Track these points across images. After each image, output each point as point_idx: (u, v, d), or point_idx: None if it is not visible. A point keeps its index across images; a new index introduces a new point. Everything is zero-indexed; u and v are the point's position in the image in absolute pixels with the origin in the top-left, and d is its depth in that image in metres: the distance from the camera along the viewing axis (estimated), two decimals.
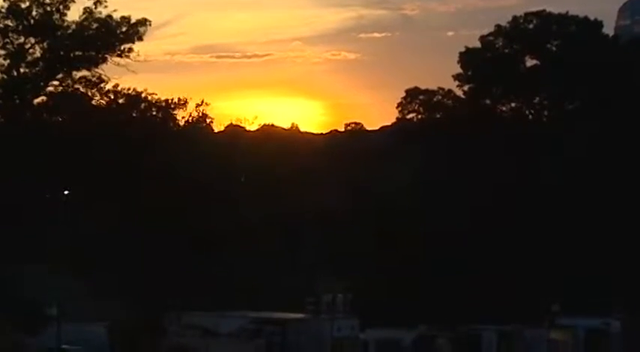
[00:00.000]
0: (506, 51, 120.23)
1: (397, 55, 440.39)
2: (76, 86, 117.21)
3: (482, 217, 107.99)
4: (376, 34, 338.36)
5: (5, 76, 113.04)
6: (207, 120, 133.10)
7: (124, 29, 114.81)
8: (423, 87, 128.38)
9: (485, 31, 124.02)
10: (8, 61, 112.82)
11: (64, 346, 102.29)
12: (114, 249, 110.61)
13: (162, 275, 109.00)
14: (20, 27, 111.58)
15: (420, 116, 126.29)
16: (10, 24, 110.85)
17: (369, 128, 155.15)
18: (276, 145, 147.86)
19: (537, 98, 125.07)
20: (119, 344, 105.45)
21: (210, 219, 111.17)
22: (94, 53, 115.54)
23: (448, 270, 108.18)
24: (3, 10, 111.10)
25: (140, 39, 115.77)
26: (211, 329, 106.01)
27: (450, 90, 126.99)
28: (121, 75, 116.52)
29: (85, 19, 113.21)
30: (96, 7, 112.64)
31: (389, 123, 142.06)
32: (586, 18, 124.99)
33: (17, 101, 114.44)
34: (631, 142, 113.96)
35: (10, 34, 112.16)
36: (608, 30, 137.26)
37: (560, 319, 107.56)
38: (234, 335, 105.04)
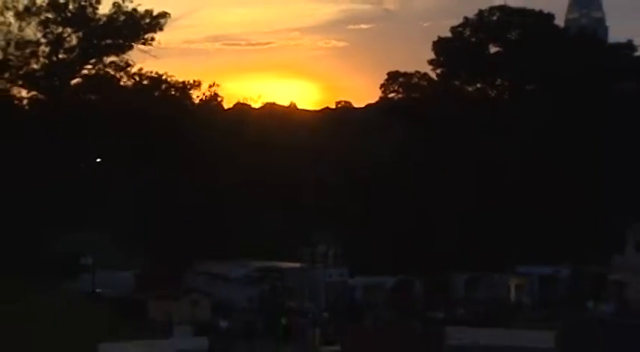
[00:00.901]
0: (473, 40, 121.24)
1: (380, 43, 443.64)
2: (107, 70, 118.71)
3: (452, 179, 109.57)
4: (362, 26, 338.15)
5: (46, 61, 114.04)
6: (218, 99, 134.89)
7: (147, 21, 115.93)
8: (402, 70, 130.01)
9: (455, 23, 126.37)
10: (49, 48, 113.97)
11: (97, 290, 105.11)
12: (138, 209, 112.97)
13: (180, 231, 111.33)
14: (59, 19, 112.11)
15: (399, 95, 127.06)
16: (50, 16, 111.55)
17: (356, 105, 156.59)
18: (277, 120, 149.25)
19: (499, 80, 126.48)
20: (143, 287, 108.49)
21: (221, 183, 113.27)
22: (121, 41, 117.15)
23: (424, 227, 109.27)
24: (44, 5, 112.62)
25: (161, 29, 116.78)
26: (222, 276, 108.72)
27: (425, 73, 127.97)
28: (144, 60, 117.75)
29: (114, 12, 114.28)
30: (123, 2, 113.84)
31: (373, 101, 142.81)
32: (541, 11, 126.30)
33: (57, 82, 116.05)
34: (577, 116, 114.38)
35: (51, 25, 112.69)
36: (560, 22, 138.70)
37: (519, 267, 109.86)
38: (242, 281, 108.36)
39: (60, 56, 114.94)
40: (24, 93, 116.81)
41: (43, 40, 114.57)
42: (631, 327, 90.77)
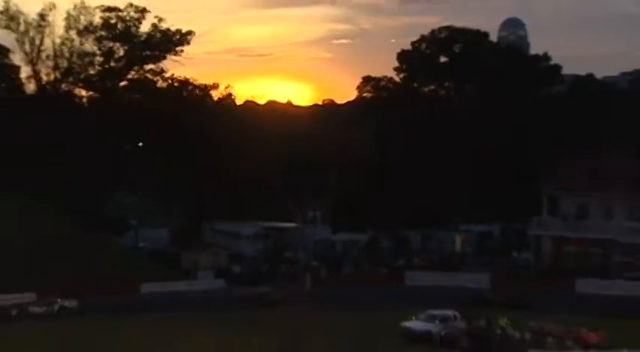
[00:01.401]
0: (427, 52, 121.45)
1: (357, 54, 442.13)
2: (146, 75, 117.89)
3: (410, 158, 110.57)
4: (343, 41, 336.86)
5: (100, 68, 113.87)
6: (232, 97, 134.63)
7: (177, 37, 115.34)
8: (373, 75, 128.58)
9: (414, 39, 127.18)
10: (102, 58, 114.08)
11: (140, 244, 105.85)
12: (172, 181, 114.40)
13: (204, 198, 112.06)
14: (110, 36, 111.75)
15: (371, 94, 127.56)
16: (104, 34, 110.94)
17: (338, 102, 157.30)
18: (277, 114, 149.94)
19: (447, 83, 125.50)
20: (176, 242, 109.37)
21: (235, 162, 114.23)
22: (157, 53, 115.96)
23: (390, 196, 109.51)
24: (99, 25, 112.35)
25: (188, 43, 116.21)
26: (235, 233, 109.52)
27: (391, 78, 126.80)
28: (175, 67, 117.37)
29: (152, 30, 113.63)
30: (159, 22, 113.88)
31: (351, 99, 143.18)
32: (478, 30, 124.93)
33: (108, 84, 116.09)
34: (505, 108, 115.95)
35: (104, 41, 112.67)
36: (493, 38, 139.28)
37: (462, 226, 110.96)
38: (251, 237, 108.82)
39: (111, 64, 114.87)
40: (83, 92, 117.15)
41: (97, 52, 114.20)
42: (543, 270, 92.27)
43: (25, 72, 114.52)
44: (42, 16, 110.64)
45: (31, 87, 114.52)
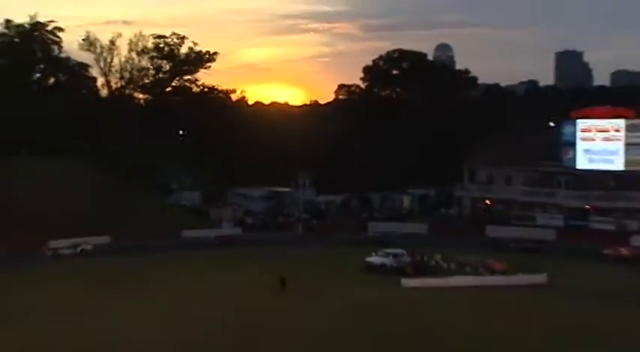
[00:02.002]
0: (384, 67, 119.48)
1: (335, 68, 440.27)
2: (185, 83, 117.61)
3: (373, 141, 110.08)
4: (326, 59, 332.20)
5: (152, 78, 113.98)
6: (245, 99, 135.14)
7: (207, 56, 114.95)
8: (346, 83, 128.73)
9: (375, 57, 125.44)
10: (154, 71, 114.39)
11: (182, 202, 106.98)
12: (204, 157, 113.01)
13: (225, 170, 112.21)
14: (159, 55, 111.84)
15: (345, 97, 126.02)
16: (155, 54, 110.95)
17: (321, 102, 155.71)
18: (278, 110, 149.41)
19: (397, 89, 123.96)
20: (207, 201, 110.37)
21: (248, 144, 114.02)
22: (192, 68, 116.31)
23: (359, 169, 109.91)
24: (152, 48, 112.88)
25: (214, 60, 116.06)
26: (248, 195, 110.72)
27: (358, 85, 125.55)
28: (205, 78, 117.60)
29: (189, 51, 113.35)
30: (194, 46, 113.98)
31: (330, 100, 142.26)
32: (420, 52, 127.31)
33: (158, 90, 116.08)
34: (436, 103, 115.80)
35: (155, 59, 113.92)
36: (430, 57, 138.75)
37: (409, 190, 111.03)
38: (260, 198, 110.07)
39: (159, 76, 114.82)
40: (140, 96, 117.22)
41: (150, 67, 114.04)
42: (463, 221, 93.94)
43: (100, 81, 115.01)
44: (112, 42, 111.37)
45: (104, 92, 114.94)
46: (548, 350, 44.80)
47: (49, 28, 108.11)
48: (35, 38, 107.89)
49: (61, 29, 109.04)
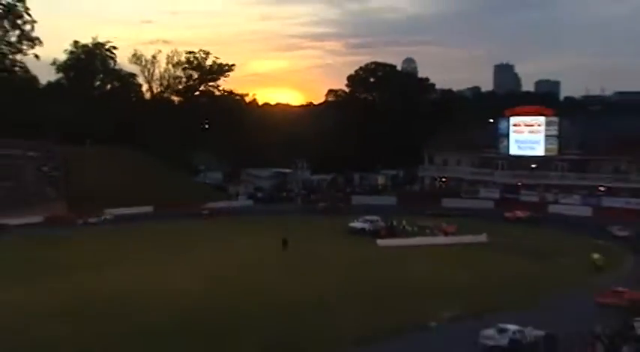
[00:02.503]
0: (363, 76, 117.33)
1: (326, 77, 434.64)
2: (210, 88, 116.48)
3: (355, 132, 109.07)
4: (319, 69, 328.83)
5: (184, 85, 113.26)
6: (255, 100, 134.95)
7: (226, 67, 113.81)
8: (334, 88, 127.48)
9: (357, 68, 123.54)
10: (186, 79, 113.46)
11: (206, 181, 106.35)
12: (224, 145, 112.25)
13: (241, 156, 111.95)
14: (190, 67, 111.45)
15: (333, 99, 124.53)
16: (186, 66, 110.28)
17: (315, 103, 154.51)
18: (282, 109, 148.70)
19: (374, 93, 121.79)
20: (226, 179, 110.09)
21: (258, 136, 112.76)
22: (215, 76, 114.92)
23: (343, 154, 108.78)
24: (184, 61, 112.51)
25: (232, 70, 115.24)
26: (258, 175, 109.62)
27: (343, 90, 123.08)
28: (225, 83, 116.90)
29: (213, 63, 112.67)
30: (217, 59, 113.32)
31: (322, 101, 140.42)
32: (392, 64, 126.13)
33: (189, 94, 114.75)
34: (404, 107, 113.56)
35: (187, 70, 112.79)
36: (399, 68, 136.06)
37: (382, 171, 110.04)
38: (267, 177, 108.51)
39: (190, 83, 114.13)
40: (175, 98, 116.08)
41: (183, 76, 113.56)
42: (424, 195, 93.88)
43: (144, 87, 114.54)
44: (154, 57, 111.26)
45: (147, 95, 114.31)
46: (483, 292, 45.33)
47: (107, 46, 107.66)
48: (96, 55, 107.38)
49: (115, 47, 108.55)
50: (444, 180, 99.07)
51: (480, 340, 33.62)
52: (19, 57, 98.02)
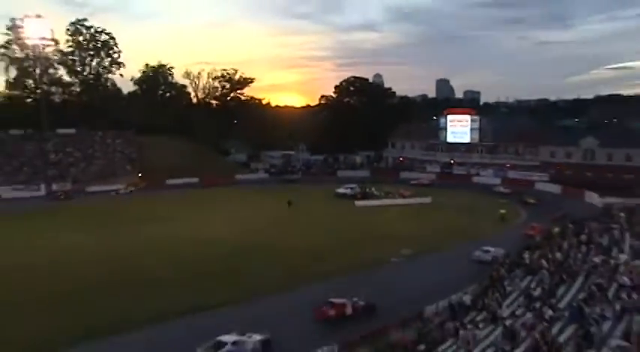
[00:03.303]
0: (346, 86, 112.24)
1: (319, 86, 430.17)
2: (237, 95, 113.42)
3: (340, 126, 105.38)
4: (314, 80, 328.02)
5: (220, 93, 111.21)
6: (269, 103, 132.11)
7: (249, 80, 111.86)
8: (326, 94, 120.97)
9: (342, 80, 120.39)
10: (221, 89, 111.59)
11: (236, 160, 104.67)
12: (248, 135, 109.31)
13: (257, 142, 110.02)
14: (224, 80, 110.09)
15: (324, 102, 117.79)
16: (222, 79, 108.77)
17: (312, 105, 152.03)
18: (289, 110, 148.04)
19: (354, 97, 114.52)
20: (249, 159, 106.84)
21: (267, 128, 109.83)
22: (241, 86, 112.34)
23: (331, 141, 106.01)
24: (220, 75, 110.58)
25: (252, 82, 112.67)
26: (272, 156, 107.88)
27: (332, 95, 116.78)
28: (248, 91, 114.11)
29: (240, 77, 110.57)
30: (243, 75, 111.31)
31: (317, 104, 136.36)
32: (365, 78, 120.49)
33: (223, 99, 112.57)
34: (374, 109, 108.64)
35: (222, 82, 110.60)
36: (370, 80, 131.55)
37: (359, 152, 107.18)
38: (278, 157, 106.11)
39: (224, 91, 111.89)
40: (213, 102, 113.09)
41: (219, 86, 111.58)
42: (387, 170, 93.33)
43: (192, 95, 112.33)
44: (199, 73, 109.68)
45: (194, 100, 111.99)
46: (429, 237, 46.12)
47: (167, 66, 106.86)
48: (159, 73, 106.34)
49: (172, 67, 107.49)
50: (401, 159, 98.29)
51: (472, 257, 37.49)
52: (110, 75, 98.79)
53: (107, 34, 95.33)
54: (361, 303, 28.11)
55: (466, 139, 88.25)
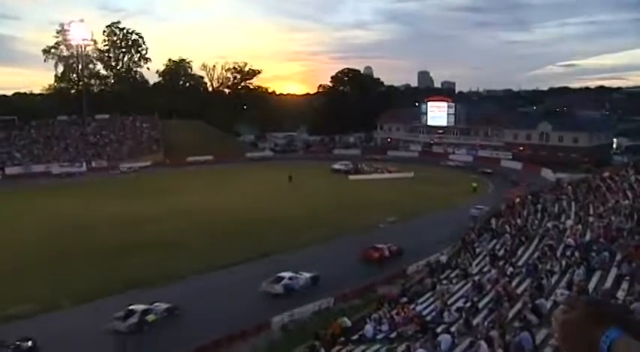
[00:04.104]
0: (340, 76, 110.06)
1: (317, 76, 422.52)
2: (246, 84, 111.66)
3: (335, 110, 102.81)
4: (312, 72, 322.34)
5: (232, 82, 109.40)
6: (274, 92, 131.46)
7: (257, 72, 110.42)
8: (323, 83, 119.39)
9: (337, 71, 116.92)
10: (233, 79, 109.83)
11: (245, 140, 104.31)
12: (254, 118, 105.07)
13: (264, 124, 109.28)
14: (235, 71, 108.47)
15: (323, 90, 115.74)
16: (233, 70, 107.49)
17: (311, 93, 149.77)
18: (291, 97, 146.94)
19: (347, 86, 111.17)
20: (257, 139, 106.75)
21: (277, 113, 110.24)
22: (250, 77, 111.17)
23: (328, 122, 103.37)
24: (232, 68, 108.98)
25: (260, 73, 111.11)
26: (276, 136, 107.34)
27: (328, 85, 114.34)
28: (255, 81, 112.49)
29: (249, 69, 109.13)
30: (252, 66, 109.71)
31: (315, 92, 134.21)
32: (357, 69, 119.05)
33: (234, 88, 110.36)
34: (365, 99, 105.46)
35: (233, 73, 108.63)
36: (362, 71, 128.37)
37: (352, 134, 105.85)
38: (281, 138, 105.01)
39: (235, 81, 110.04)
40: (226, 90, 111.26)
41: (231, 77, 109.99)
42: (377, 149, 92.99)
43: (208, 84, 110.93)
44: (214, 66, 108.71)
45: (210, 89, 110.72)
46: (412, 205, 46.95)
47: (187, 60, 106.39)
48: (180, 66, 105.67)
49: (190, 61, 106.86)
50: (389, 139, 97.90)
51: (470, 213, 40.09)
52: (138, 69, 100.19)
53: (137, 34, 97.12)
54: (394, 248, 31.63)
55: (443, 123, 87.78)
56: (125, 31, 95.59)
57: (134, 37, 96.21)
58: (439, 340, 14.35)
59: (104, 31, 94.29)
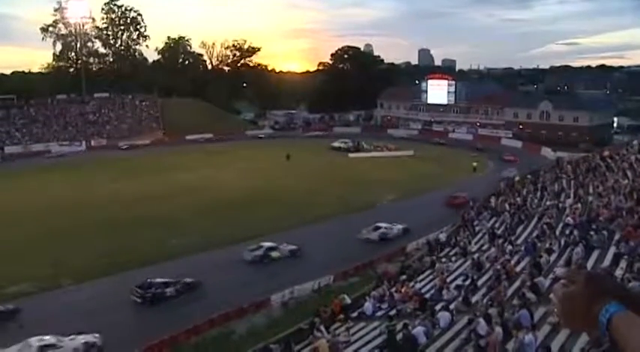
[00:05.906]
0: (340, 53, 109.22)
1: (318, 53, 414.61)
2: (246, 61, 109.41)
3: (334, 88, 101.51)
4: (313, 49, 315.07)
5: (232, 60, 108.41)
6: (274, 69, 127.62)
7: (257, 49, 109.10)
8: (323, 61, 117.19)
9: (336, 48, 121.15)
10: (233, 56, 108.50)
11: (245, 118, 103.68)
12: (255, 95, 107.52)
13: (266, 102, 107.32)
14: (235, 49, 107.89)
15: (322, 67, 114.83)
16: (233, 48, 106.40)
17: (311, 70, 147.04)
18: (290, 74, 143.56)
19: (347, 64, 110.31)
20: (257, 117, 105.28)
21: (277, 90, 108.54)
22: (250, 54, 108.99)
23: (327, 100, 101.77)
24: (232, 45, 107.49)
25: (259, 50, 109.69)
26: (276, 114, 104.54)
27: (328, 62, 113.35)
28: (255, 58, 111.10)
29: (249, 47, 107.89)
30: (251, 44, 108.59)
31: (316, 69, 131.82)
32: (357, 47, 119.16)
33: (234, 65, 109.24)
34: (365, 76, 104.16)
35: (234, 50, 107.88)
36: (362, 49, 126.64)
37: (352, 112, 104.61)
38: (281, 115, 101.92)
39: (235, 58, 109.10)
40: (226, 68, 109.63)
41: (230, 54, 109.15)
42: (377, 127, 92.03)
43: (207, 62, 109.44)
44: (213, 43, 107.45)
45: (209, 67, 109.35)
46: (404, 182, 47.17)
47: (186, 39, 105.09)
48: (179, 44, 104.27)
49: (189, 39, 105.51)
50: (389, 117, 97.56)
51: (501, 176, 44.23)
52: (137, 47, 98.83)
53: (135, 11, 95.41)
54: (470, 197, 37.06)
55: (444, 101, 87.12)
56: (124, 8, 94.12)
57: (133, 14, 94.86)
58: (438, 317, 14.53)
59: (102, 9, 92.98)
